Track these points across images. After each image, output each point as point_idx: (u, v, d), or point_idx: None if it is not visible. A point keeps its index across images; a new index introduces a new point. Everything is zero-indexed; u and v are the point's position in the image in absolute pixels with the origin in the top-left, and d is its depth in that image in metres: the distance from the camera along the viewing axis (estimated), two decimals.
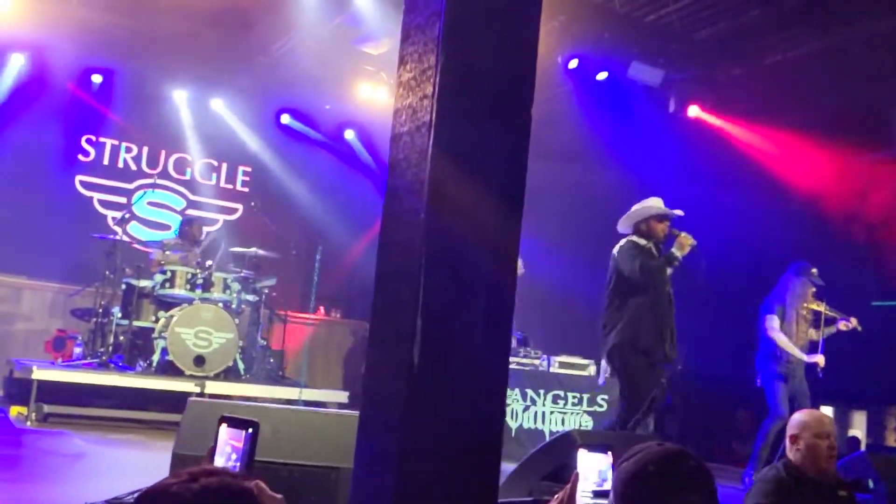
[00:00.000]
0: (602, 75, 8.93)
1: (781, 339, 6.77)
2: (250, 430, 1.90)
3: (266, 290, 8.59)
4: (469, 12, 1.95)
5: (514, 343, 8.27)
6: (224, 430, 1.93)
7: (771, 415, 6.74)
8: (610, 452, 2.21)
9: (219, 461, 1.89)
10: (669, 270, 5.50)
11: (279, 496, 1.81)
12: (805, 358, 6.76)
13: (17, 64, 9.42)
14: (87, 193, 10.11)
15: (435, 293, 1.92)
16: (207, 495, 1.31)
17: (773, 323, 6.82)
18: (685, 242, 5.45)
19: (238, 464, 1.87)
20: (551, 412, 7.88)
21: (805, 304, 6.83)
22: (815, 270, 6.91)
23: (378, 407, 1.96)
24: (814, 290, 6.91)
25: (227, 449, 1.92)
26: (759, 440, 6.73)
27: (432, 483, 1.91)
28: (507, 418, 7.73)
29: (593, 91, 9.13)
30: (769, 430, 6.67)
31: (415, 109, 1.94)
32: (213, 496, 1.32)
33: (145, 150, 10.44)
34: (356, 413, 2.20)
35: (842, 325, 6.85)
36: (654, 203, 5.72)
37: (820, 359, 6.73)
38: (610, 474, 2.11)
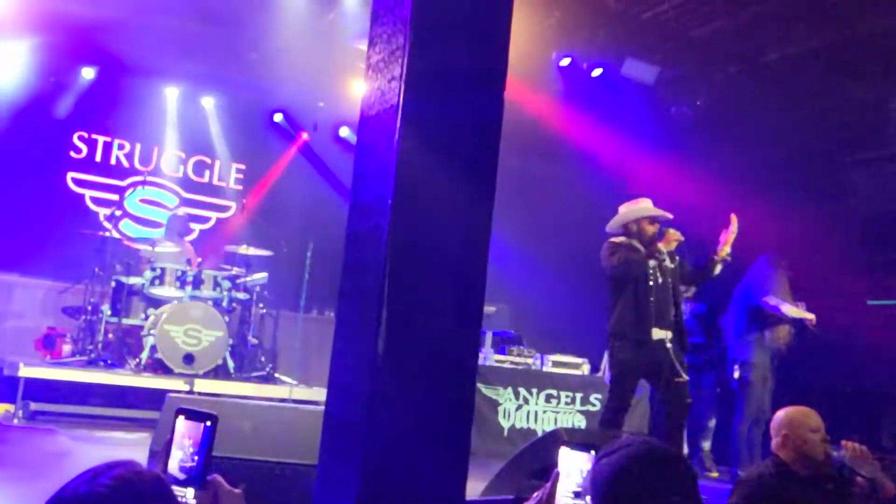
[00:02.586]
0: (597, 72, 8.87)
1: (791, 308, 6.69)
2: (208, 423, 1.80)
3: (257, 288, 8.52)
4: None
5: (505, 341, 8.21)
6: (181, 423, 1.83)
7: (744, 417, 6.74)
8: (593, 451, 2.15)
9: (176, 455, 1.79)
10: (653, 263, 5.45)
11: (238, 490, 1.75)
12: (806, 314, 6.70)
13: (8, 58, 9.35)
14: (79, 190, 10.04)
15: (401, 282, 1.85)
16: (119, 488, 1.26)
17: (774, 300, 6.74)
18: (671, 238, 5.45)
19: (196, 458, 1.78)
20: (544, 411, 7.81)
21: (789, 297, 6.79)
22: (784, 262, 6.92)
23: (342, 399, 1.89)
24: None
25: (185, 442, 1.82)
26: (736, 443, 6.72)
27: (398, 477, 1.84)
28: (500, 417, 7.66)
29: (587, 89, 9.07)
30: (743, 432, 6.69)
31: (383, 92, 1.87)
32: (125, 487, 1.26)
33: (138, 147, 10.37)
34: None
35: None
36: (645, 205, 5.69)
37: (811, 316, 6.69)
38: None
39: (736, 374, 6.84)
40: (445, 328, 1.91)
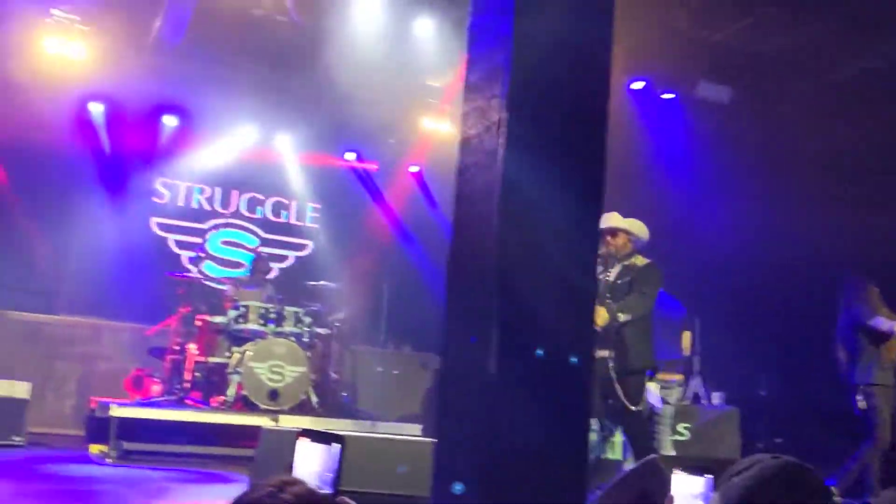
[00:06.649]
0: (668, 96, 8.81)
1: None
2: (338, 444, 1.72)
3: (337, 324, 8.60)
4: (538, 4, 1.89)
5: None
6: (305, 445, 1.79)
7: (878, 443, 6.31)
8: (711, 476, 2.06)
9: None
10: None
11: None
12: None
13: (96, 112, 9.75)
14: (163, 234, 10.35)
15: (512, 302, 1.84)
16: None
17: (886, 324, 6.39)
18: None
19: (325, 480, 1.73)
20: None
21: (888, 313, 6.47)
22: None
23: (455, 423, 1.87)
24: None
25: (310, 465, 1.77)
26: (870, 474, 6.29)
27: (515, 478, 1.81)
28: None
29: (661, 112, 9.00)
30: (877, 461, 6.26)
31: (483, 110, 1.87)
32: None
33: (218, 190, 10.66)
34: (430, 440, 2.12)
35: None
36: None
37: None
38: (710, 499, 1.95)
39: (861, 404, 6.44)
40: (559, 326, 1.88)
